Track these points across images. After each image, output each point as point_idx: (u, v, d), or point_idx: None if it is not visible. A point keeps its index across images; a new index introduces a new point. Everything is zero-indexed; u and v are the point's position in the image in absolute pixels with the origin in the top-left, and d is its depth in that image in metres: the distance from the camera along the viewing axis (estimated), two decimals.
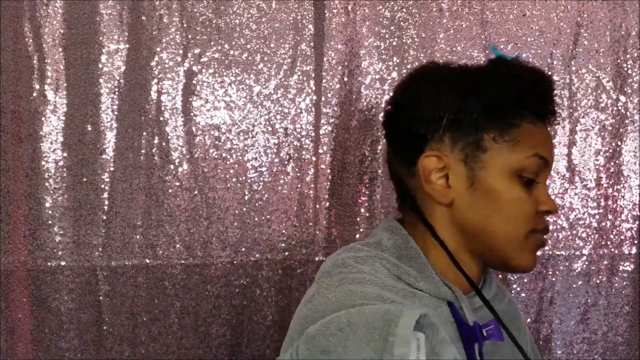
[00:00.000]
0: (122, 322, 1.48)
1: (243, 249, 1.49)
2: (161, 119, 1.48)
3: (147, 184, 1.48)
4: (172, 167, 1.48)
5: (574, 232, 1.56)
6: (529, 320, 1.56)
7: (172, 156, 1.48)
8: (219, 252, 1.49)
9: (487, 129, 0.93)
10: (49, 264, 1.46)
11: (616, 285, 1.56)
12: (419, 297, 0.90)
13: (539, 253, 0.98)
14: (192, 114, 1.48)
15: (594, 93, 1.55)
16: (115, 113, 1.47)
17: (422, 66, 1.05)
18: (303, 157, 1.50)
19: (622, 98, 1.55)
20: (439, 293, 0.92)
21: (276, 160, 1.50)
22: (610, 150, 1.55)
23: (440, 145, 0.94)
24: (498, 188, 0.93)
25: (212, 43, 1.48)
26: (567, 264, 1.55)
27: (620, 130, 1.55)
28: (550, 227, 1.54)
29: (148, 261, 1.48)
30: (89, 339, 1.48)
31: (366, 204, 1.52)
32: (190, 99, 1.48)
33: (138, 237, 1.48)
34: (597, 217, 1.56)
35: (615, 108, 1.55)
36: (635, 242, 1.56)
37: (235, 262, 1.49)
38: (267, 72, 1.49)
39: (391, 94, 1.07)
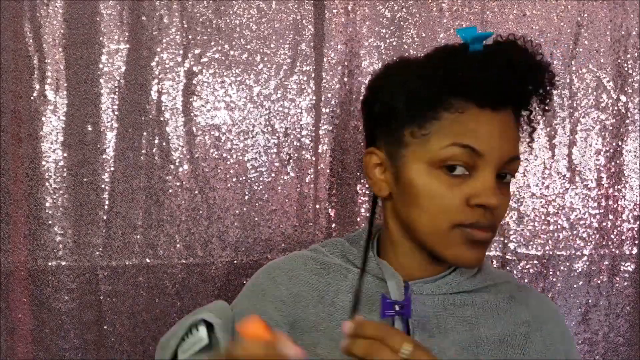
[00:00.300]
0: (123, 322, 1.48)
1: (243, 249, 1.49)
2: (161, 119, 1.48)
3: (148, 184, 1.48)
4: (172, 167, 1.48)
5: (575, 232, 1.55)
6: None
7: (172, 156, 1.48)
8: (219, 252, 1.49)
9: (407, 124, 0.93)
10: (49, 264, 1.46)
11: (617, 285, 1.56)
12: (343, 269, 1.02)
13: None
14: (192, 114, 1.48)
15: (595, 93, 1.54)
16: (116, 113, 1.47)
17: (391, 62, 1.03)
18: (303, 157, 1.50)
19: (623, 98, 1.55)
20: (368, 268, 1.00)
21: (276, 160, 1.50)
22: (611, 150, 1.55)
23: (378, 142, 0.98)
24: (416, 183, 0.92)
25: (212, 43, 1.48)
26: (567, 264, 1.55)
27: (621, 130, 1.55)
28: (551, 227, 1.54)
29: (148, 261, 1.48)
30: (89, 338, 1.48)
31: (366, 204, 1.52)
32: (190, 99, 1.48)
33: (138, 237, 1.48)
34: (597, 217, 1.56)
35: (615, 108, 1.55)
36: (636, 242, 1.56)
37: (235, 262, 1.49)
38: (267, 72, 1.49)
39: None
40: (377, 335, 0.77)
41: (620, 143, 1.55)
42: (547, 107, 0.97)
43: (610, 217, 1.56)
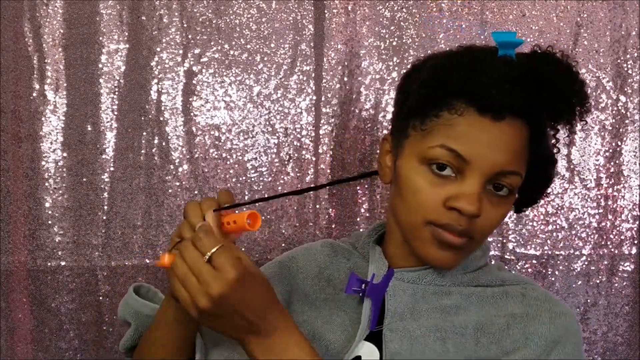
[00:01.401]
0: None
1: (243, 249, 1.49)
2: (161, 119, 1.48)
3: (147, 184, 1.48)
4: (172, 167, 1.48)
5: (574, 232, 1.56)
6: None
7: (172, 156, 1.48)
8: None
9: (413, 116, 0.93)
10: (49, 264, 1.46)
11: (616, 285, 1.56)
12: (348, 252, 1.08)
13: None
14: (192, 114, 1.48)
15: (594, 93, 1.55)
16: (115, 113, 1.47)
17: (433, 53, 1.02)
18: (303, 157, 1.50)
19: (622, 98, 1.55)
20: (363, 252, 1.05)
21: (276, 160, 1.50)
22: (610, 150, 1.55)
23: (393, 130, 0.99)
24: (404, 174, 0.92)
25: (212, 43, 1.48)
26: (566, 263, 1.55)
27: (620, 130, 1.55)
28: (550, 227, 1.55)
29: (148, 261, 1.48)
30: (89, 339, 1.48)
31: (366, 204, 1.52)
32: (190, 99, 1.48)
33: (138, 237, 1.48)
34: (597, 217, 1.56)
35: (615, 108, 1.55)
36: (635, 242, 1.56)
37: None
38: (267, 72, 1.49)
39: None
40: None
41: (619, 143, 1.55)
42: (572, 129, 0.96)
43: (610, 217, 1.56)
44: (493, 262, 1.06)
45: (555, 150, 1.00)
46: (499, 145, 0.89)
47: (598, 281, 1.56)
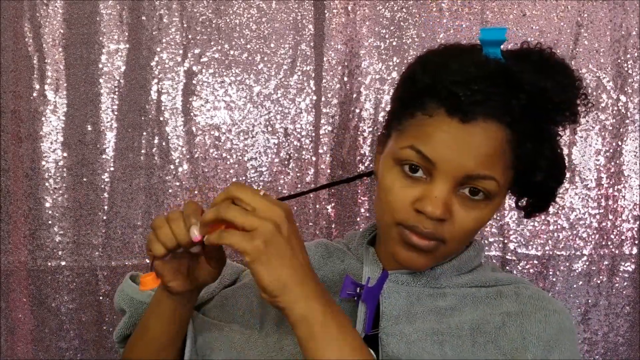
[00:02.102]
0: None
1: None
2: (161, 119, 1.48)
3: (147, 184, 1.48)
4: (172, 167, 1.48)
5: (575, 232, 1.55)
6: None
7: (172, 156, 1.48)
8: None
9: (396, 117, 0.92)
10: (49, 264, 1.46)
11: (617, 285, 1.56)
12: (343, 254, 1.06)
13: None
14: (192, 114, 1.48)
15: (594, 93, 1.54)
16: (115, 113, 1.47)
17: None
18: (303, 157, 1.50)
19: (623, 98, 1.55)
20: (357, 254, 1.04)
21: (276, 160, 1.50)
22: (611, 150, 1.55)
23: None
24: (380, 174, 0.92)
25: (212, 43, 1.48)
26: (567, 264, 1.55)
27: (621, 130, 1.55)
28: (551, 227, 1.54)
29: (148, 261, 1.48)
30: (89, 339, 1.48)
31: (366, 204, 1.52)
32: (190, 99, 1.48)
33: (138, 237, 1.48)
34: (597, 217, 1.56)
35: (615, 108, 1.55)
36: (636, 242, 1.56)
37: (235, 261, 1.49)
38: (267, 72, 1.49)
39: None
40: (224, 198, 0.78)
41: (620, 143, 1.55)
42: (573, 122, 0.92)
43: (610, 217, 1.56)
44: (487, 262, 1.05)
45: (552, 153, 0.94)
46: (466, 148, 0.86)
47: (599, 281, 1.56)
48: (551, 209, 1.54)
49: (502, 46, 0.88)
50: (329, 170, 1.50)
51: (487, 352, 0.91)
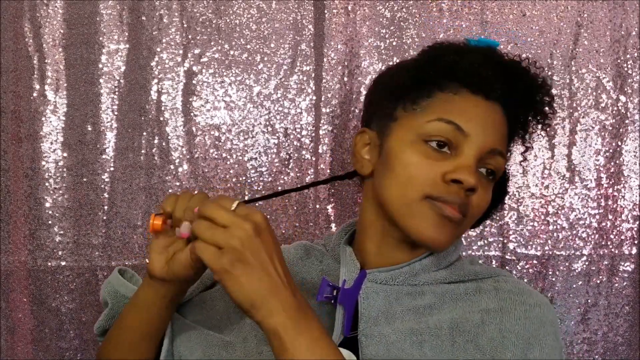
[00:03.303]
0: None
1: None
2: (161, 119, 1.48)
3: (147, 184, 1.48)
4: (172, 167, 1.48)
5: (574, 232, 1.55)
6: None
7: (172, 156, 1.48)
8: None
9: (401, 100, 0.94)
10: (49, 264, 1.46)
11: (616, 285, 1.56)
12: (321, 254, 1.07)
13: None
14: (192, 114, 1.48)
15: (594, 93, 1.55)
16: (115, 113, 1.47)
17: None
18: (303, 157, 1.50)
19: (622, 98, 1.55)
20: (334, 254, 1.04)
21: (276, 160, 1.50)
22: (611, 150, 1.55)
23: (370, 123, 1.00)
24: (397, 153, 0.92)
25: (212, 43, 1.48)
26: (567, 264, 1.55)
27: (621, 130, 1.55)
28: (551, 227, 1.54)
29: (148, 261, 1.48)
30: (89, 339, 1.48)
31: None
32: (190, 99, 1.48)
33: (138, 237, 1.48)
34: (597, 217, 1.56)
35: (615, 108, 1.55)
36: (636, 242, 1.56)
37: None
38: (267, 72, 1.49)
39: None
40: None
41: (619, 143, 1.55)
42: (544, 127, 0.99)
43: (610, 217, 1.56)
44: (465, 256, 1.05)
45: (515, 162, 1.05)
46: (491, 123, 0.93)
47: (598, 281, 1.56)
48: (551, 209, 1.55)
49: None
50: (328, 170, 1.50)
51: (467, 352, 0.90)
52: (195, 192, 1.48)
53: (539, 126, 0.99)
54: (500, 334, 0.90)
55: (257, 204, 1.48)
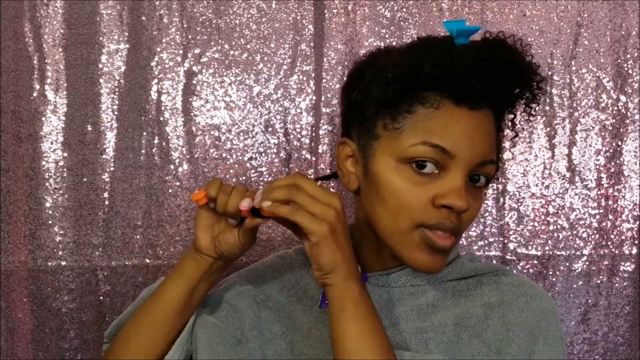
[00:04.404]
0: None
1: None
2: (161, 119, 1.48)
3: (147, 184, 1.48)
4: (172, 167, 1.48)
5: (575, 232, 1.55)
6: None
7: (172, 156, 1.48)
8: None
9: (380, 115, 0.90)
10: (49, 264, 1.46)
11: (617, 285, 1.56)
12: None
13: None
14: (192, 114, 1.48)
15: (594, 93, 1.54)
16: (115, 113, 1.47)
17: (375, 50, 1.00)
18: (303, 157, 1.50)
19: (623, 98, 1.55)
20: None
21: (276, 160, 1.50)
22: (611, 150, 1.55)
23: (350, 133, 0.96)
24: (382, 178, 0.89)
25: (212, 43, 1.48)
26: (567, 264, 1.55)
27: (621, 130, 1.55)
28: (551, 227, 1.54)
29: (148, 261, 1.48)
30: (89, 339, 1.48)
31: None
32: (190, 99, 1.48)
33: (138, 237, 1.48)
34: (597, 217, 1.56)
35: (615, 108, 1.55)
36: (636, 242, 1.56)
37: (235, 262, 1.49)
38: (267, 72, 1.49)
39: None
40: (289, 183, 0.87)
41: (620, 143, 1.55)
42: (532, 112, 0.94)
43: (610, 217, 1.56)
44: (465, 254, 1.04)
45: (509, 142, 1.00)
46: (478, 135, 0.88)
47: (599, 281, 1.56)
48: (551, 209, 1.55)
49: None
50: (328, 170, 1.50)
51: (473, 347, 0.91)
52: (185, 199, 1.48)
53: (527, 109, 0.94)
54: (504, 327, 0.91)
55: None
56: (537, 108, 0.94)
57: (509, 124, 0.97)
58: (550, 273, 1.55)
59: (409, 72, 0.87)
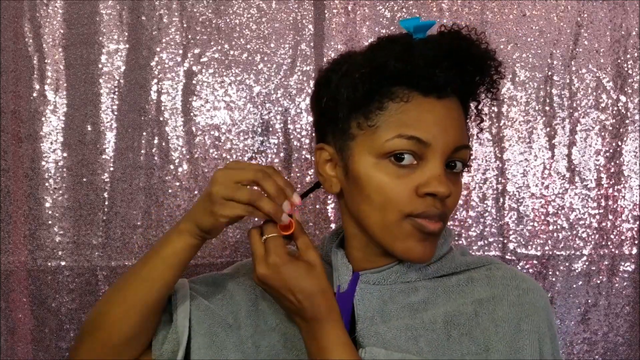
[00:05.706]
0: None
1: (243, 249, 1.49)
2: (161, 119, 1.48)
3: (147, 184, 1.48)
4: (172, 167, 1.48)
5: (575, 232, 1.55)
6: None
7: (172, 156, 1.48)
8: (219, 252, 1.49)
9: (353, 115, 0.92)
10: (49, 264, 1.46)
11: (616, 285, 1.56)
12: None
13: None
14: (192, 114, 1.48)
15: (594, 93, 1.55)
16: (115, 113, 1.47)
17: (337, 56, 1.02)
18: (303, 157, 1.50)
19: (623, 98, 1.55)
20: (327, 258, 1.04)
21: (276, 160, 1.50)
22: (611, 150, 1.55)
23: (326, 137, 0.98)
24: (363, 176, 0.91)
25: (212, 43, 1.48)
26: (567, 264, 1.55)
27: (621, 130, 1.55)
28: (551, 227, 1.54)
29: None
30: None
31: None
32: (190, 99, 1.48)
33: (138, 237, 1.48)
34: (597, 217, 1.56)
35: (615, 108, 1.55)
36: (636, 242, 1.56)
37: (235, 262, 1.49)
38: (267, 72, 1.49)
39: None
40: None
41: (620, 143, 1.55)
42: (494, 96, 0.97)
43: (610, 217, 1.56)
44: (456, 247, 1.04)
45: (477, 127, 1.02)
46: (449, 122, 0.92)
47: (598, 281, 1.56)
48: (551, 209, 1.55)
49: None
50: None
51: (462, 345, 0.92)
52: (196, 192, 1.49)
53: (489, 95, 0.97)
54: (493, 323, 0.92)
55: None
56: (498, 92, 0.98)
57: (474, 110, 1.00)
58: (550, 273, 1.55)
59: (375, 70, 0.90)
